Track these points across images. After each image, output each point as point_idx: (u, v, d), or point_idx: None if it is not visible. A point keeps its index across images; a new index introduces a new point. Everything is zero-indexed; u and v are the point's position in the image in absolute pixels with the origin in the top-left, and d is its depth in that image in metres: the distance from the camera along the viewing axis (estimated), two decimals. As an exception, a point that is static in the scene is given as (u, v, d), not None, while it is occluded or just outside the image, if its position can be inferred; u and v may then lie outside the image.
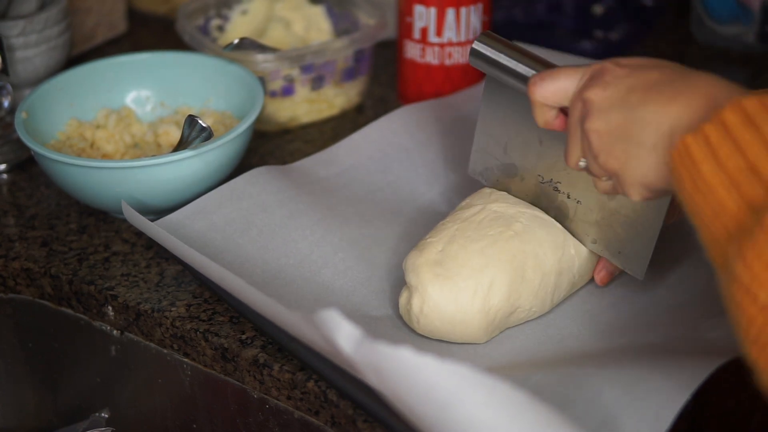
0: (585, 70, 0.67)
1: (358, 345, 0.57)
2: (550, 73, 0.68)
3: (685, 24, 1.17)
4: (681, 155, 0.56)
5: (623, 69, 0.63)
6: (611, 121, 0.62)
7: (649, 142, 0.60)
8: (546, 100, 0.68)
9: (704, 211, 0.54)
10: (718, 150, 0.53)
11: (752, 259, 0.49)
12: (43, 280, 0.85)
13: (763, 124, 0.53)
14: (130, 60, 0.98)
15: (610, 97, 0.63)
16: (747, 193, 0.52)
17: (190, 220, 0.82)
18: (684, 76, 0.60)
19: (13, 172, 0.97)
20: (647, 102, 0.60)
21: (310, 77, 1.00)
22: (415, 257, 0.75)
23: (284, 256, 0.81)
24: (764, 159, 0.52)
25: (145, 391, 0.85)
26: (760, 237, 0.49)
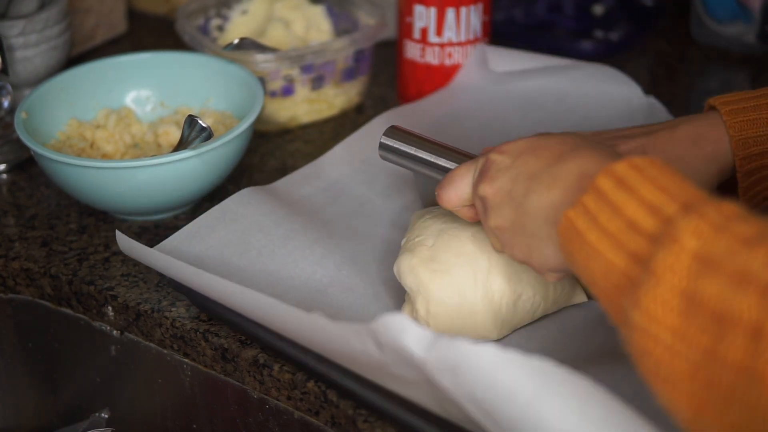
0: (476, 164, 0.68)
1: (431, 346, 0.56)
2: (447, 180, 0.70)
3: (685, 24, 1.17)
4: (566, 230, 0.58)
5: (506, 157, 0.65)
6: (505, 216, 0.64)
7: (542, 232, 0.62)
8: (454, 205, 0.70)
9: (596, 275, 0.56)
10: (598, 216, 0.56)
11: (647, 303, 0.50)
12: (43, 280, 0.85)
13: (634, 183, 0.55)
14: (130, 60, 0.98)
15: (498, 191, 0.65)
16: (631, 248, 0.53)
17: (185, 246, 0.81)
18: (562, 159, 0.61)
19: (13, 172, 0.97)
20: (530, 193, 0.62)
21: (310, 77, 1.00)
22: (408, 259, 0.74)
23: (288, 278, 0.80)
24: (641, 214, 0.54)
25: (145, 392, 0.85)
26: (650, 282, 0.51)
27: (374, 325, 0.58)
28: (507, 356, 0.54)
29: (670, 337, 0.50)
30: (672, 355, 0.50)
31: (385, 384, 0.66)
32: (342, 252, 0.82)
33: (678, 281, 0.50)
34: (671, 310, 0.50)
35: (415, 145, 0.78)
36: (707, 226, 0.50)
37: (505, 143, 0.67)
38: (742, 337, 0.47)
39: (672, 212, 0.53)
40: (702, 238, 0.50)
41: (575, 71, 1.01)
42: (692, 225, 0.51)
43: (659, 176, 0.55)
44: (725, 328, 0.48)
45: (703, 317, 0.49)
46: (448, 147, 0.77)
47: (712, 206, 0.52)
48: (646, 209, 0.54)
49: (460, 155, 0.76)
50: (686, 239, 0.50)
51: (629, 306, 0.52)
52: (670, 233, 0.51)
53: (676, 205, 0.53)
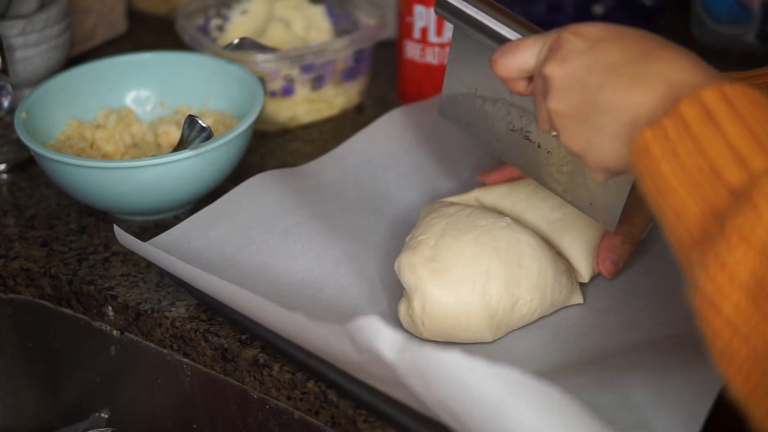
0: (545, 39, 0.63)
1: (401, 351, 0.55)
2: (510, 47, 0.65)
3: (685, 24, 1.17)
4: (640, 151, 0.54)
5: (582, 41, 0.60)
6: (570, 103, 0.60)
7: (609, 129, 0.57)
8: (510, 74, 0.66)
9: (666, 212, 0.52)
10: (677, 147, 0.52)
11: (715, 270, 0.48)
12: (43, 280, 0.85)
13: (723, 119, 0.51)
14: (130, 60, 0.98)
15: (568, 75, 0.60)
16: (709, 196, 0.50)
17: (186, 238, 0.81)
18: (645, 56, 0.57)
19: (13, 172, 0.97)
20: (606, 86, 0.57)
21: (310, 77, 1.00)
22: (409, 256, 0.74)
23: (285, 274, 0.80)
24: (725, 159, 0.50)
25: (145, 392, 0.84)
26: (722, 247, 0.48)
27: (350, 326, 0.57)
28: (474, 364, 0.53)
29: (733, 314, 0.47)
30: (732, 333, 0.47)
31: (368, 381, 0.67)
32: (342, 249, 0.82)
33: (752, 257, 0.47)
34: (739, 286, 0.47)
35: (479, 7, 0.71)
36: None
37: (580, 24, 0.61)
38: None
39: (760, 167, 0.49)
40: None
41: None
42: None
43: (751, 114, 0.50)
44: None
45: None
46: (514, 16, 0.71)
47: None
48: (732, 154, 0.50)
49: (527, 28, 0.70)
50: (765, 209, 0.47)
51: (696, 262, 0.49)
52: (752, 196, 0.48)
53: (765, 160, 0.49)
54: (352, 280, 0.80)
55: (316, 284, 0.79)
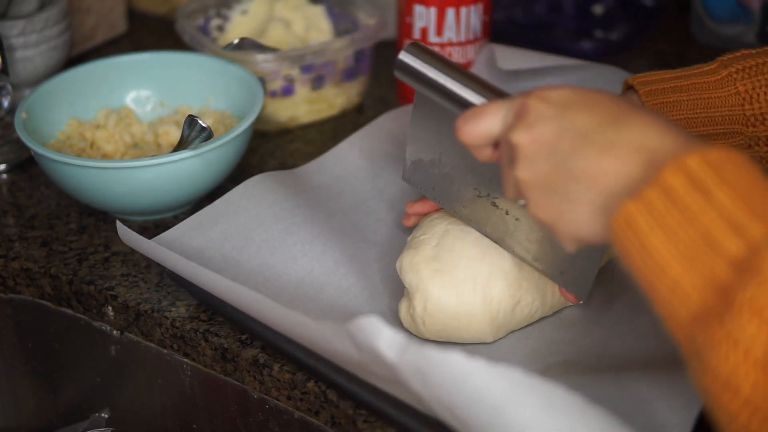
0: (511, 105, 0.61)
1: (402, 350, 0.55)
2: (474, 113, 0.62)
3: (685, 24, 1.17)
4: (623, 224, 0.51)
5: (549, 107, 0.57)
6: (539, 171, 0.57)
7: (582, 199, 0.55)
8: (475, 141, 0.63)
9: (659, 289, 0.50)
10: (666, 219, 0.49)
11: (727, 349, 0.45)
12: (43, 280, 0.85)
13: (711, 187, 0.48)
14: (130, 60, 0.98)
15: (536, 142, 0.57)
16: (707, 269, 0.47)
17: (187, 237, 0.81)
18: (616, 121, 0.55)
19: (13, 172, 0.97)
20: (576, 154, 0.55)
21: (310, 77, 1.00)
22: (411, 256, 0.74)
23: (285, 274, 0.80)
24: (720, 229, 0.47)
25: (145, 392, 0.84)
26: (732, 323, 0.45)
27: (350, 326, 0.57)
28: (475, 364, 0.52)
29: (751, 392, 0.45)
30: (751, 413, 0.45)
31: (369, 380, 0.67)
32: (342, 249, 0.82)
33: (766, 333, 0.44)
34: (755, 364, 0.44)
35: (440, 70, 0.68)
36: None
37: (546, 89, 0.59)
38: None
39: (757, 236, 0.46)
40: None
41: (583, 72, 1.00)
42: None
43: (739, 180, 0.48)
44: None
45: None
46: (478, 78, 0.67)
47: None
48: (726, 225, 0.47)
49: (491, 91, 0.66)
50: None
51: (703, 342, 0.46)
52: (755, 266, 0.45)
53: (763, 227, 0.46)
54: (352, 280, 0.80)
55: (317, 284, 0.79)
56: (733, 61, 0.74)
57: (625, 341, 0.73)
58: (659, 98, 0.72)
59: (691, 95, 0.72)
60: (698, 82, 0.73)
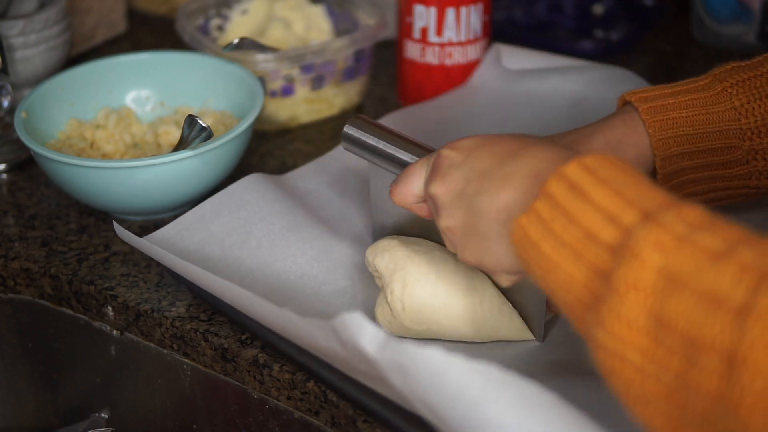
0: (429, 161, 0.66)
1: (383, 346, 0.56)
2: (402, 176, 0.68)
3: (686, 24, 1.17)
4: (520, 238, 0.55)
5: (458, 154, 0.62)
6: (457, 217, 0.62)
7: (494, 233, 0.59)
8: (407, 202, 0.68)
9: (557, 289, 0.54)
10: (552, 224, 0.53)
11: (612, 322, 0.48)
12: (43, 280, 0.85)
13: (587, 187, 0.52)
14: (129, 60, 0.98)
15: (450, 190, 0.62)
16: (590, 260, 0.51)
17: (188, 231, 0.81)
18: (513, 156, 0.59)
19: (13, 172, 0.97)
20: (481, 192, 0.59)
21: (310, 77, 1.00)
22: (385, 240, 0.74)
23: (284, 272, 0.80)
24: (598, 223, 0.51)
25: (145, 392, 0.84)
26: (613, 299, 0.49)
27: (334, 322, 0.58)
28: (452, 360, 0.53)
29: (639, 358, 0.48)
30: (643, 377, 0.48)
31: (356, 378, 0.67)
32: (340, 250, 0.82)
33: (643, 300, 0.48)
34: (638, 331, 0.48)
35: (378, 137, 0.74)
36: (669, 237, 0.48)
37: (458, 139, 0.64)
38: (716, 363, 0.45)
39: (630, 221, 0.50)
40: (665, 252, 0.48)
41: (590, 72, 1.00)
42: (653, 236, 0.48)
43: (614, 178, 0.53)
44: (697, 353, 0.46)
45: (673, 339, 0.47)
46: (413, 141, 0.73)
47: (673, 213, 0.49)
48: (603, 217, 0.51)
49: (424, 150, 0.72)
50: (648, 253, 0.48)
51: (592, 323, 0.50)
52: (630, 246, 0.49)
53: (634, 213, 0.51)
54: (348, 283, 0.80)
55: (315, 284, 0.79)
56: (725, 75, 0.75)
57: None
58: (659, 116, 0.74)
59: (689, 112, 0.74)
60: (695, 98, 0.74)
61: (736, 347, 0.44)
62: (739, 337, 0.44)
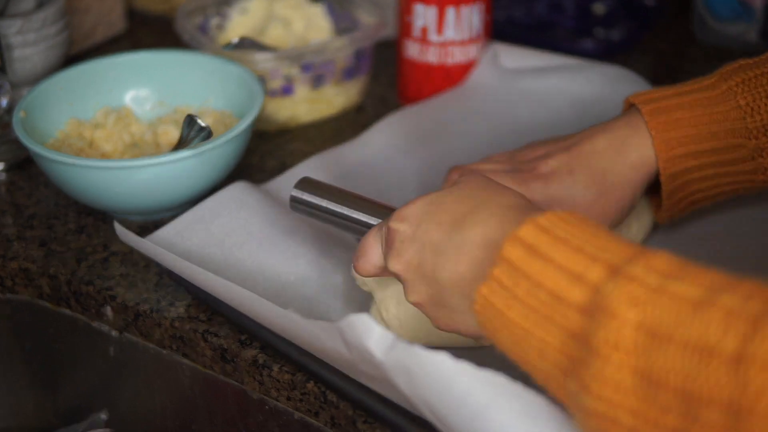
0: (381, 233, 0.65)
1: (390, 349, 0.56)
2: (359, 251, 0.66)
3: (686, 23, 1.17)
4: (483, 308, 0.54)
5: (407, 226, 0.61)
6: (422, 292, 0.61)
7: (460, 306, 0.58)
8: (372, 274, 0.66)
9: (530, 358, 0.52)
10: (515, 291, 0.52)
11: (598, 387, 0.47)
12: (42, 281, 0.85)
13: (545, 249, 0.51)
14: (129, 59, 0.97)
15: (407, 266, 0.61)
16: (562, 324, 0.49)
17: (188, 232, 0.81)
18: (460, 226, 0.58)
19: (12, 172, 0.97)
20: (438, 269, 0.58)
21: (309, 76, 1.00)
22: None
23: (285, 273, 0.80)
24: (563, 285, 0.50)
25: (144, 392, 0.84)
26: (596, 363, 0.47)
27: (341, 324, 0.58)
28: (460, 366, 0.53)
29: (631, 420, 0.46)
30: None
31: (359, 380, 0.67)
32: (340, 254, 0.82)
33: (627, 359, 0.46)
34: (626, 392, 0.46)
35: (330, 198, 0.74)
36: (642, 290, 0.46)
37: (403, 207, 0.62)
38: (718, 415, 0.43)
39: (597, 278, 0.49)
40: (640, 306, 0.46)
41: (589, 71, 1.00)
42: (624, 292, 0.47)
43: (571, 234, 0.51)
44: (696, 407, 0.44)
45: (666, 396, 0.45)
46: (364, 200, 0.73)
47: (641, 264, 0.47)
48: (567, 277, 0.50)
49: (378, 209, 0.72)
50: (623, 310, 0.46)
51: (577, 389, 0.48)
52: (602, 305, 0.47)
53: (600, 269, 0.49)
54: (348, 287, 0.79)
55: (315, 286, 0.79)
56: (731, 73, 0.74)
57: None
58: (662, 117, 0.73)
59: (693, 112, 0.73)
60: (699, 98, 0.73)
61: (739, 398, 0.42)
62: (741, 388, 0.42)
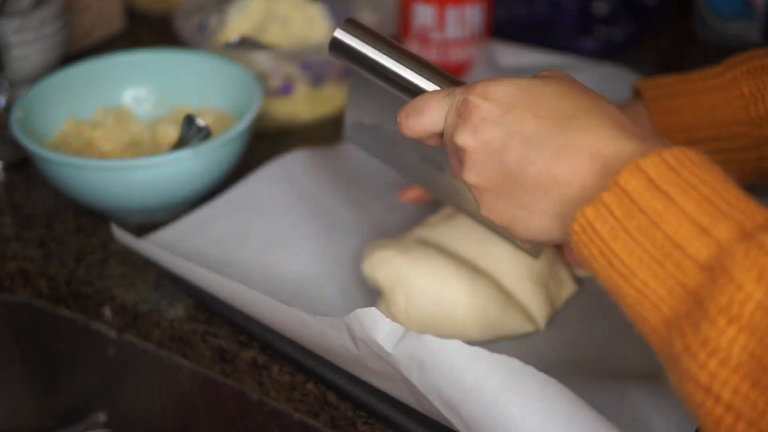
0: (452, 101, 0.58)
1: (400, 341, 0.55)
2: (415, 109, 0.60)
3: (687, 23, 1.16)
4: (584, 231, 0.50)
5: (493, 107, 0.55)
6: (489, 177, 0.56)
7: (537, 207, 0.54)
8: (417, 136, 0.61)
9: (626, 294, 0.48)
10: (626, 224, 0.48)
11: (706, 356, 0.44)
12: (40, 281, 0.84)
13: (670, 189, 0.47)
14: (128, 58, 0.97)
15: (483, 148, 0.55)
16: (676, 274, 0.46)
17: (187, 232, 0.81)
18: (564, 126, 0.53)
19: (10, 171, 0.97)
20: (527, 162, 0.53)
21: (309, 76, 0.99)
22: (381, 252, 0.73)
23: (286, 271, 0.79)
24: (685, 233, 0.46)
25: (143, 393, 0.84)
26: (709, 331, 0.44)
27: (348, 319, 0.58)
28: (473, 353, 0.53)
29: (732, 398, 0.44)
30: (735, 418, 0.44)
31: (364, 378, 0.66)
32: (341, 248, 0.82)
33: (742, 337, 0.43)
34: (734, 370, 0.43)
35: (380, 49, 0.63)
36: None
37: (488, 84, 0.56)
38: None
39: (725, 237, 0.45)
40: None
41: (587, 71, 1.00)
42: (754, 263, 0.43)
43: (699, 180, 0.47)
44: None
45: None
46: (420, 59, 0.63)
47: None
48: (691, 227, 0.46)
49: (435, 73, 0.63)
50: (749, 283, 0.43)
51: (681, 351, 0.45)
52: (727, 269, 0.44)
53: (729, 228, 0.45)
54: (351, 280, 0.79)
55: (317, 283, 0.79)
56: (738, 63, 0.73)
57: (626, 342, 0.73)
58: (664, 103, 0.72)
59: (695, 99, 0.72)
60: (703, 86, 0.72)
61: None
62: None
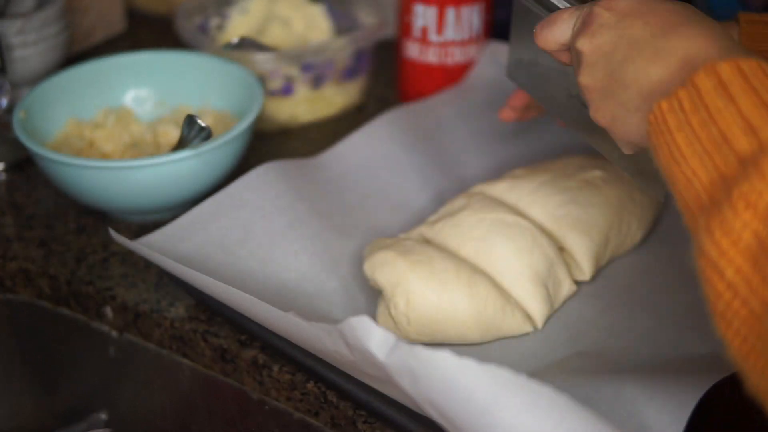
0: (579, 14, 0.65)
1: (392, 350, 0.56)
2: (548, 20, 0.66)
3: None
4: (657, 121, 0.55)
5: (612, 15, 0.61)
6: (597, 77, 0.61)
7: (631, 104, 0.59)
8: (549, 46, 0.67)
9: (679, 179, 0.53)
10: (691, 118, 0.52)
11: (720, 235, 0.48)
12: (41, 281, 0.84)
13: (736, 90, 0.51)
14: (129, 59, 0.97)
15: (596, 50, 0.61)
16: (718, 164, 0.50)
17: (187, 232, 0.81)
18: (667, 32, 0.57)
19: (11, 172, 0.97)
20: (628, 62, 0.58)
21: (309, 76, 1.00)
22: (383, 253, 0.73)
23: (286, 270, 0.79)
24: (736, 128, 0.50)
25: (144, 393, 0.84)
26: (728, 213, 0.48)
27: (342, 326, 0.58)
28: (464, 363, 0.53)
29: (734, 276, 0.48)
30: (732, 295, 0.48)
31: (363, 380, 0.66)
32: (341, 248, 0.82)
33: (755, 222, 0.47)
34: (741, 251, 0.48)
35: None
36: None
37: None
38: None
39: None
40: None
41: None
42: None
43: (764, 87, 0.51)
44: None
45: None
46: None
47: None
48: (742, 125, 0.50)
49: None
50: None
51: (702, 227, 0.50)
52: (758, 163, 0.48)
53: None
54: (353, 278, 0.79)
55: (317, 282, 0.79)
56: None
57: (622, 341, 0.73)
58: (757, 28, 0.73)
59: None
60: None
61: None
62: None
